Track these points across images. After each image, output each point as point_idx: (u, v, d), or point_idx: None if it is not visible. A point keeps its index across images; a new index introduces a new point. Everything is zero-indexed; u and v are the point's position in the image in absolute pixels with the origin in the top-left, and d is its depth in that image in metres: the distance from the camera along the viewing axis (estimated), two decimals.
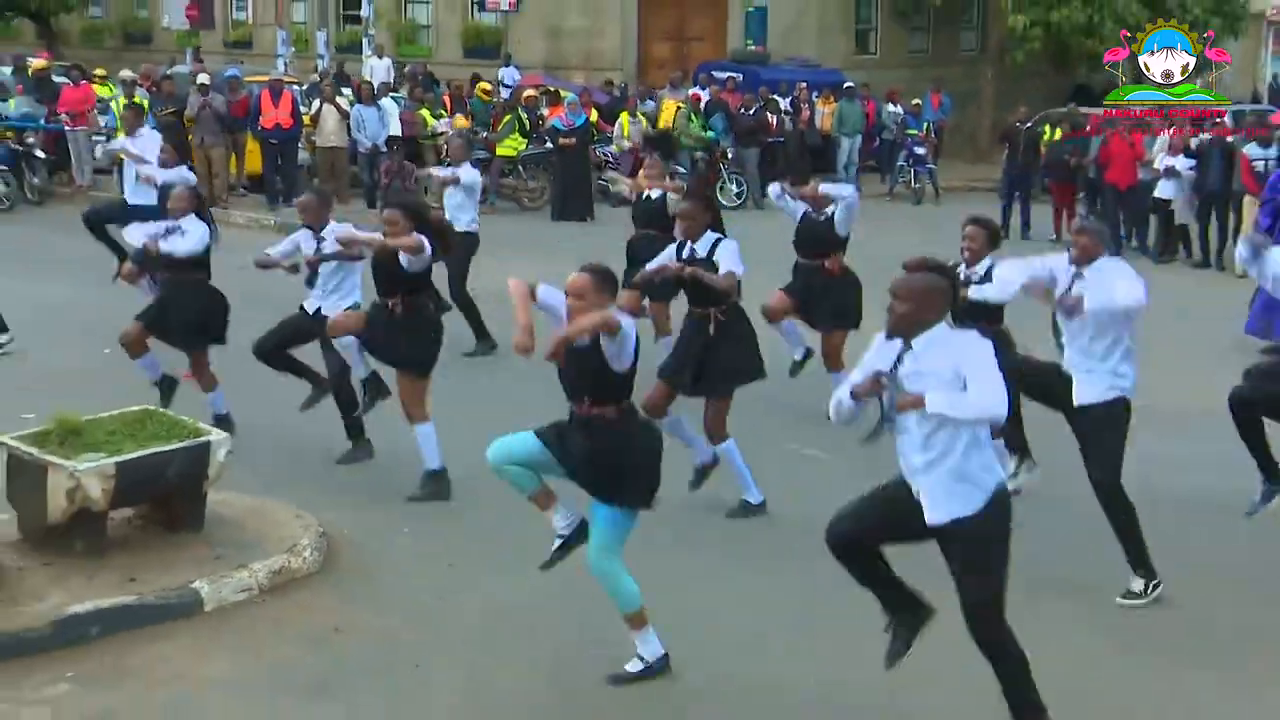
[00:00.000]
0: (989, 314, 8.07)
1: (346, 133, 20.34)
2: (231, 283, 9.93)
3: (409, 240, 8.22)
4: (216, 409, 9.47)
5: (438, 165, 19.73)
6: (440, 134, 21.10)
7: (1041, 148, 20.67)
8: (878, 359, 5.32)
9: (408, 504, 8.32)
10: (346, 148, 20.49)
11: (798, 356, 10.38)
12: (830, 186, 10.00)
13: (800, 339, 10.41)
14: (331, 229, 9.06)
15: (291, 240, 9.35)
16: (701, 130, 21.88)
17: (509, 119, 21.22)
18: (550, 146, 20.88)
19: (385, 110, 20.90)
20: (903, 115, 24.35)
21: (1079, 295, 6.92)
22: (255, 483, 8.06)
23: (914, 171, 23.46)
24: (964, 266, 8.30)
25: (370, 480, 8.74)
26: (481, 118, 21.86)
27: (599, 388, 5.93)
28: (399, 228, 8.27)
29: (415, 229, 8.30)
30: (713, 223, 8.30)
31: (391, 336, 8.41)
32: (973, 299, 7.87)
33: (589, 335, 5.83)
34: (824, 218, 9.92)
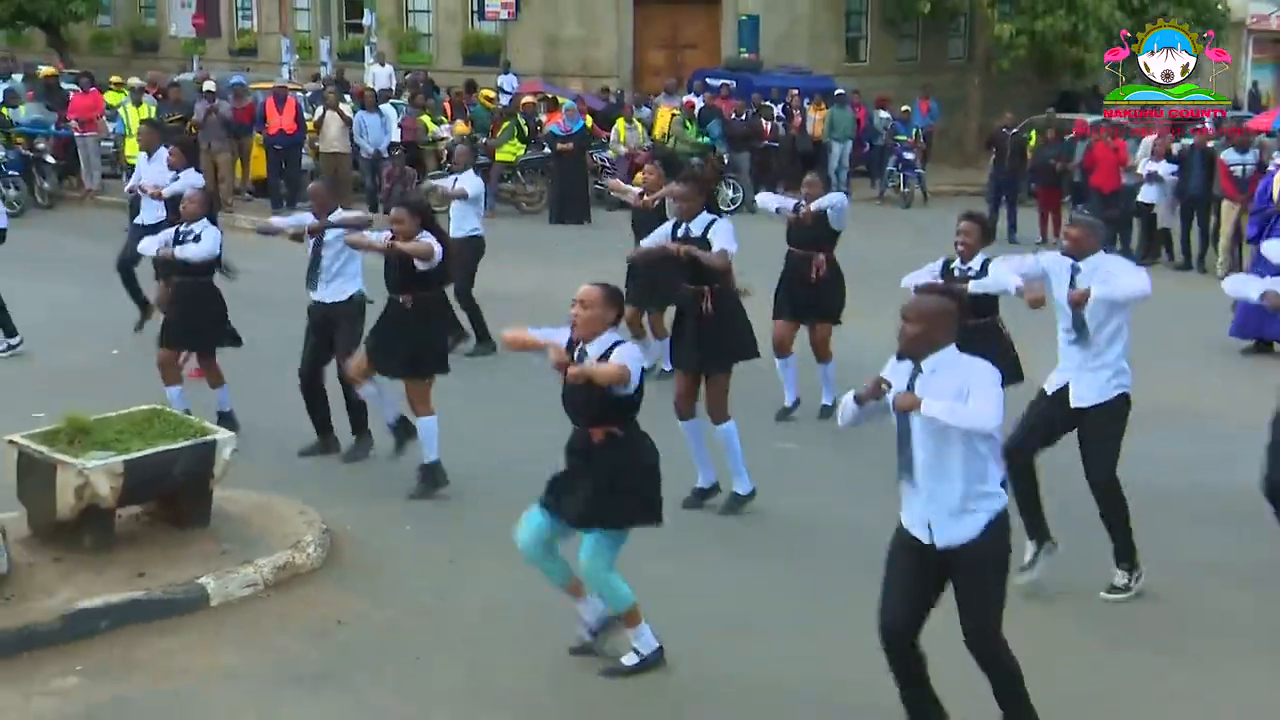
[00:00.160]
0: (984, 306, 8.16)
1: (349, 138, 20.38)
2: (235, 285, 10.01)
3: (421, 247, 8.33)
4: (221, 405, 9.56)
5: (438, 170, 19.87)
6: (440, 139, 21.22)
7: (1027, 153, 20.78)
8: (890, 379, 5.32)
9: (409, 501, 8.39)
10: (349, 153, 20.52)
11: (788, 403, 10.36)
12: (819, 202, 10.06)
13: (795, 387, 10.36)
14: (339, 213, 9.11)
15: (298, 218, 9.46)
16: (696, 136, 22.02)
17: (508, 125, 21.30)
18: (548, 152, 20.96)
19: (387, 116, 20.97)
20: (892, 121, 24.54)
21: (1085, 288, 6.84)
22: (260, 480, 8.12)
23: (903, 176, 23.61)
24: (959, 261, 8.38)
25: (372, 478, 8.81)
26: (482, 124, 21.98)
27: (604, 411, 5.97)
28: (405, 227, 8.37)
29: (421, 228, 8.41)
30: (708, 205, 8.40)
31: (402, 338, 8.45)
32: (973, 292, 7.91)
33: (601, 382, 5.84)
34: (817, 211, 10.04)
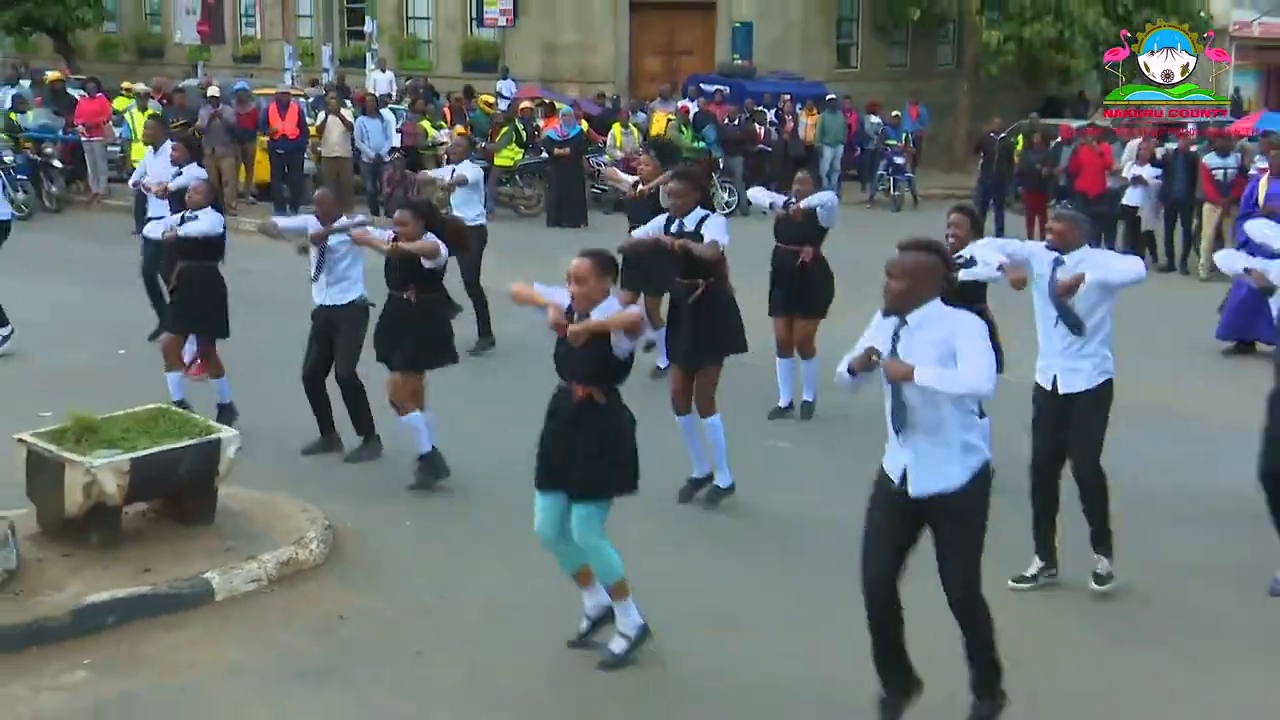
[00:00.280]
0: (974, 294, 8.23)
1: (350, 143, 20.54)
2: (235, 285, 10.08)
3: (426, 246, 8.38)
4: (222, 397, 9.65)
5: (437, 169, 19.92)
6: (440, 144, 21.35)
7: (1015, 157, 20.94)
8: (875, 335, 5.35)
9: (411, 499, 8.44)
10: (350, 158, 20.69)
11: (782, 403, 10.46)
12: (809, 200, 10.18)
13: (790, 388, 10.44)
14: (343, 220, 9.10)
15: (302, 219, 9.44)
16: (691, 141, 22.16)
17: (506, 130, 21.47)
18: (546, 156, 21.13)
19: (387, 121, 21.12)
20: (882, 126, 24.82)
21: (1078, 274, 6.83)
22: (264, 478, 8.18)
23: (893, 180, 23.86)
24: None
25: (374, 476, 8.87)
26: (480, 128, 22.09)
27: (599, 372, 6.00)
28: (409, 228, 8.43)
29: (426, 229, 8.46)
30: (701, 201, 8.50)
31: (405, 333, 8.50)
32: (963, 280, 7.93)
33: (613, 330, 5.88)
34: (807, 208, 10.15)
